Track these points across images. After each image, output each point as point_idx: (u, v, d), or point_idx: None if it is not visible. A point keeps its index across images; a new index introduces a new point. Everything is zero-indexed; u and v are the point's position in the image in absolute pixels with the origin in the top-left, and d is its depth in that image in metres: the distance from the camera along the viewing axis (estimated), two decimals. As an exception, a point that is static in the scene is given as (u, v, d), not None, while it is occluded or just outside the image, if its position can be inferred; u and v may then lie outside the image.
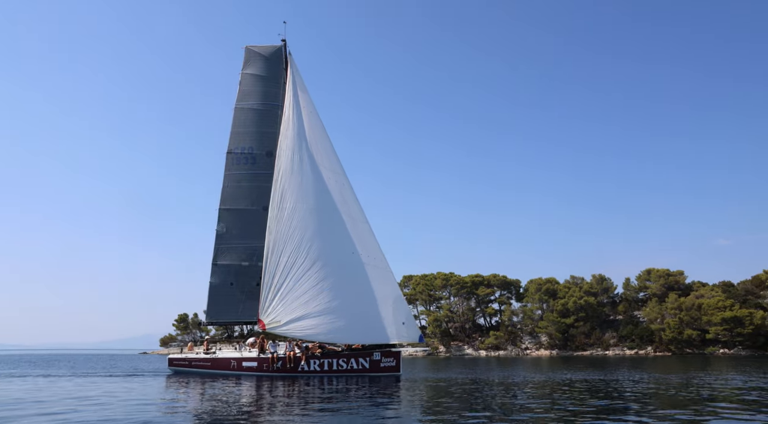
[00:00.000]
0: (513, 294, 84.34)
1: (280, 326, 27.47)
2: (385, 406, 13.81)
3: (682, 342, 70.01)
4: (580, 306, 75.13)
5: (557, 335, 76.35)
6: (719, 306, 67.58)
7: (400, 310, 28.32)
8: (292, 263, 27.73)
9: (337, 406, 13.87)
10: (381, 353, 27.91)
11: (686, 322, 69.68)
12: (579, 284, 78.37)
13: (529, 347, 79.43)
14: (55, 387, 20.26)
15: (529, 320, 79.77)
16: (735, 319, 66.31)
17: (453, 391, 17.93)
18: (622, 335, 74.55)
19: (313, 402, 14.69)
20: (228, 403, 14.49)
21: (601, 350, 74.71)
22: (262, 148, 30.49)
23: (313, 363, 27.81)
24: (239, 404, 14.21)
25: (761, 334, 65.43)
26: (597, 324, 76.20)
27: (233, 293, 29.22)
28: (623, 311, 76.60)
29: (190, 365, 29.67)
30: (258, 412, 12.79)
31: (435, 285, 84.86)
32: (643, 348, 72.98)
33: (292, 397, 16.26)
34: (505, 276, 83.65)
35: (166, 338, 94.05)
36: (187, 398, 16.06)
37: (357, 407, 13.45)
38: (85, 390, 18.77)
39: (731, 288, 71.74)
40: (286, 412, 12.66)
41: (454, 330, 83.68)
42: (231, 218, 29.93)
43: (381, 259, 28.83)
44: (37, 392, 18.29)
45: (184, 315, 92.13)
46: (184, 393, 17.53)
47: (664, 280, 74.05)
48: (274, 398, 16.11)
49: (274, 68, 31.32)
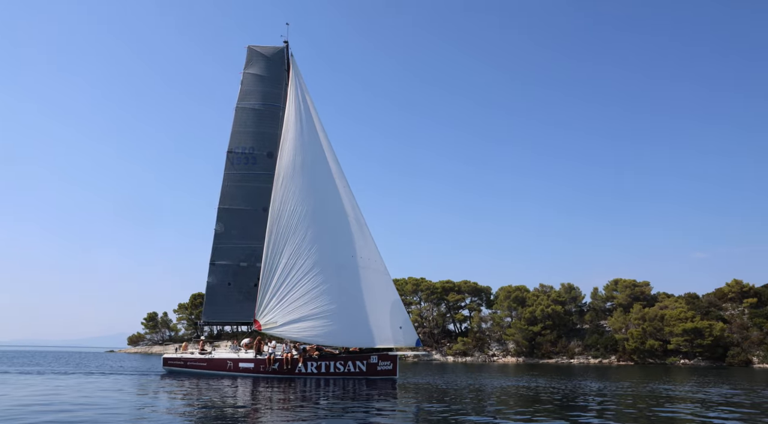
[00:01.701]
0: (483, 301, 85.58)
1: (276, 327, 27.44)
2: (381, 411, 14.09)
3: (644, 352, 71.97)
4: (547, 314, 76.67)
5: (524, 342, 77.70)
6: (681, 317, 69.84)
7: (398, 314, 28.62)
8: (291, 264, 27.75)
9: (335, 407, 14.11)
10: (378, 357, 28.13)
11: (649, 332, 71.73)
12: (548, 292, 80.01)
13: (497, 354, 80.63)
14: (58, 385, 19.88)
15: (497, 327, 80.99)
16: (695, 330, 68.60)
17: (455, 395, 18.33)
18: (587, 344, 76.31)
19: (313, 403, 14.91)
20: (231, 403, 14.56)
21: (566, 359, 76.36)
22: (263, 149, 30.45)
23: (311, 365, 27.86)
24: (240, 405, 14.31)
25: (720, 345, 67.84)
26: (564, 333, 77.83)
27: (231, 293, 29.06)
28: (590, 320, 78.49)
29: (185, 365, 29.33)
30: (262, 413, 12.98)
31: (406, 290, 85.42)
32: (607, 357, 74.83)
33: (290, 399, 16.41)
34: (476, 283, 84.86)
35: (135, 337, 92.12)
36: (184, 397, 16.03)
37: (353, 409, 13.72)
38: (92, 389, 18.48)
39: (696, 300, 74.29)
40: (292, 411, 12.84)
41: (424, 335, 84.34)
42: (230, 217, 29.77)
43: (380, 262, 29.10)
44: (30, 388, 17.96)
45: (153, 314, 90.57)
46: (181, 394, 17.45)
47: (630, 290, 76.26)
48: (272, 397, 16.24)
49: (275, 69, 31.33)
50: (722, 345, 67.86)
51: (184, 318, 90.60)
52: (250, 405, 14.34)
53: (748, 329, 67.77)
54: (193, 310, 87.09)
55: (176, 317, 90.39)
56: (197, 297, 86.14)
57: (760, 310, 69.03)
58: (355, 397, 17.24)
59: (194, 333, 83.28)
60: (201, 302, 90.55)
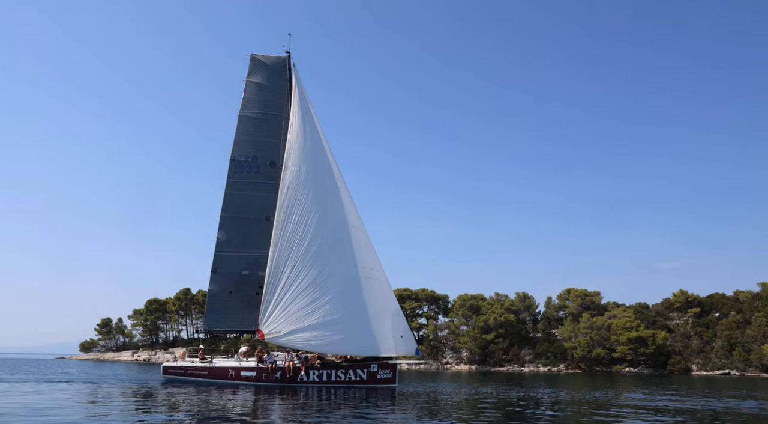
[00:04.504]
0: (441, 309, 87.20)
1: (280, 336, 27.65)
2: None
3: (591, 360, 74.98)
4: (500, 323, 78.84)
5: (477, 350, 79.61)
6: (626, 326, 73.34)
7: (399, 323, 29.32)
8: (296, 274, 28.03)
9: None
10: (378, 365, 28.72)
11: (596, 341, 74.93)
12: (502, 301, 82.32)
13: (450, 362, 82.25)
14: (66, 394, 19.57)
15: (452, 335, 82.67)
16: (639, 339, 72.14)
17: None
18: (538, 352, 78.90)
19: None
20: (245, 412, 14.96)
21: (517, 367, 78.72)
22: (266, 158, 30.62)
23: (312, 374, 28.15)
24: (251, 413, 14.78)
25: (662, 353, 71.60)
26: (517, 341, 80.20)
27: (232, 301, 28.99)
28: (542, 328, 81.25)
29: (186, 374, 29.00)
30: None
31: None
32: (556, 365, 77.63)
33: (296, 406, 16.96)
34: (433, 291, 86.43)
35: (87, 343, 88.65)
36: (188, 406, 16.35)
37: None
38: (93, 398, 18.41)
39: (645, 310, 78.20)
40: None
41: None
42: (232, 225, 29.76)
43: (381, 272, 29.74)
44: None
45: (108, 320, 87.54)
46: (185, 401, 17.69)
47: (582, 300, 79.49)
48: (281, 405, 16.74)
49: (278, 79, 31.58)
50: (664, 353, 71.60)
51: (139, 324, 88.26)
52: (263, 415, 14.68)
53: (690, 337, 71.95)
54: (149, 316, 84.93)
55: (131, 323, 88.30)
56: (152, 303, 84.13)
57: (702, 319, 73.49)
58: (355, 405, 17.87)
59: (149, 339, 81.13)
60: (156, 308, 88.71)
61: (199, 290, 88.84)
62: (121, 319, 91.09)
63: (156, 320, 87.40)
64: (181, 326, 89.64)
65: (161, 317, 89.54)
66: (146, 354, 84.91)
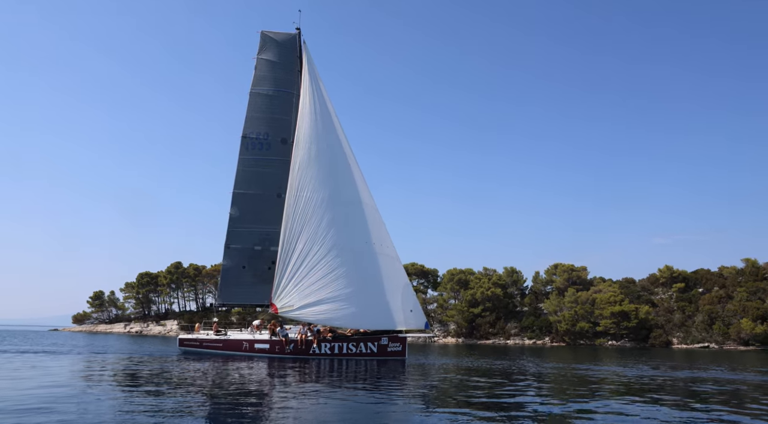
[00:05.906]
0: (430, 283, 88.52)
1: (293, 310, 28.33)
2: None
3: (575, 334, 76.95)
4: (487, 297, 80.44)
5: (463, 323, 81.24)
6: (610, 301, 75.30)
7: (408, 298, 30.13)
8: (308, 250, 28.61)
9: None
10: (388, 338, 29.61)
11: (580, 315, 76.84)
12: (490, 275, 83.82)
13: (437, 335, 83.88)
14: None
15: (441, 308, 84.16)
16: (622, 313, 74.13)
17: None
18: (523, 326, 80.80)
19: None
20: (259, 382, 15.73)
21: (503, 340, 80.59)
22: (277, 135, 30.89)
23: (324, 346, 28.95)
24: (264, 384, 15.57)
25: (645, 327, 73.77)
26: (503, 315, 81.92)
27: (245, 276, 29.53)
28: (529, 303, 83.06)
29: (201, 346, 29.62)
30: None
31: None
32: (541, 338, 79.61)
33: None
34: (423, 265, 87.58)
35: (80, 316, 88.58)
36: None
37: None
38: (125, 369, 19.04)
39: (631, 285, 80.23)
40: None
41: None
42: (244, 202, 30.12)
43: (391, 248, 30.42)
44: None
45: (100, 292, 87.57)
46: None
47: (568, 274, 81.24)
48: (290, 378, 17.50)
49: (288, 55, 31.69)
50: (647, 327, 73.76)
51: (131, 297, 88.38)
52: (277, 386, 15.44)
53: (672, 312, 74.21)
54: (140, 289, 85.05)
55: (123, 295, 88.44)
56: (144, 276, 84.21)
57: (686, 294, 75.74)
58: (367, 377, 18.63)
59: (141, 312, 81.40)
60: (148, 281, 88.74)
61: (190, 264, 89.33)
62: (113, 292, 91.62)
63: (148, 293, 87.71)
64: (173, 299, 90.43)
65: (153, 290, 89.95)
66: (138, 326, 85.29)
